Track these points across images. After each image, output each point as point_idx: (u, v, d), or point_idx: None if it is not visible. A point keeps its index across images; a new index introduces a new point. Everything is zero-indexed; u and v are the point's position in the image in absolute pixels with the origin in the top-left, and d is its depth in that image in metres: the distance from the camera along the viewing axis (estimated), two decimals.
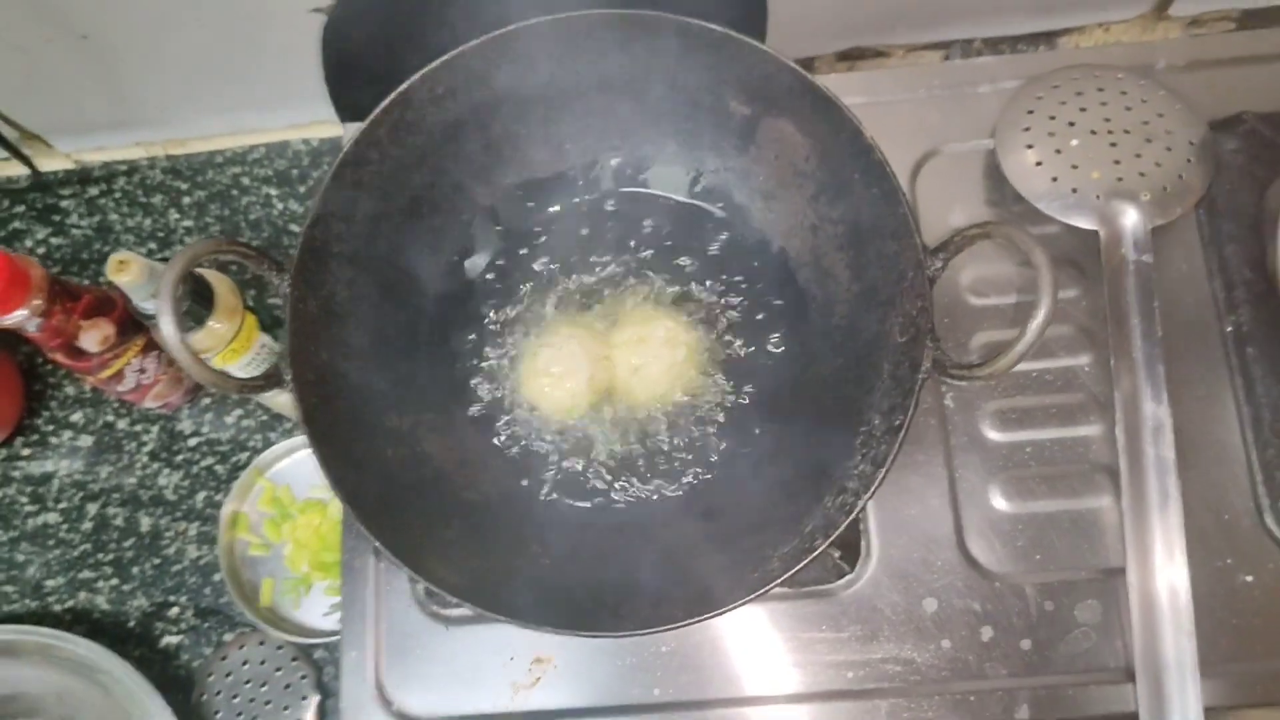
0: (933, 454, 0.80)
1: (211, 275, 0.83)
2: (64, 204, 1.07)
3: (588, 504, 0.77)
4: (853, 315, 0.74)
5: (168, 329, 0.60)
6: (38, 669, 0.90)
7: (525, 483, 0.77)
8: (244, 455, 0.99)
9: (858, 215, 0.72)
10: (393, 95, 0.70)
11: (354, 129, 0.70)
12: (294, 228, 1.04)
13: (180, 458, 1.00)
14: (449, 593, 0.64)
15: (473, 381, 0.80)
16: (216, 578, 0.95)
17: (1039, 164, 0.81)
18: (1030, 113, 0.84)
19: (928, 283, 0.65)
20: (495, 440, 0.78)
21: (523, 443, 0.79)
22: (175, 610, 0.96)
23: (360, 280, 0.73)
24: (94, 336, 0.84)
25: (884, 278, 0.70)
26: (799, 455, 0.74)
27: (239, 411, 1.01)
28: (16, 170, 1.05)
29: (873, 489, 0.63)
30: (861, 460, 0.67)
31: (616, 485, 0.77)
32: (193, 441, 1.00)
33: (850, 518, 0.63)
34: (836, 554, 0.78)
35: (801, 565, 0.63)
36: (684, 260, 0.82)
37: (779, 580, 0.62)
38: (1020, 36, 1.03)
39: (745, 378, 0.79)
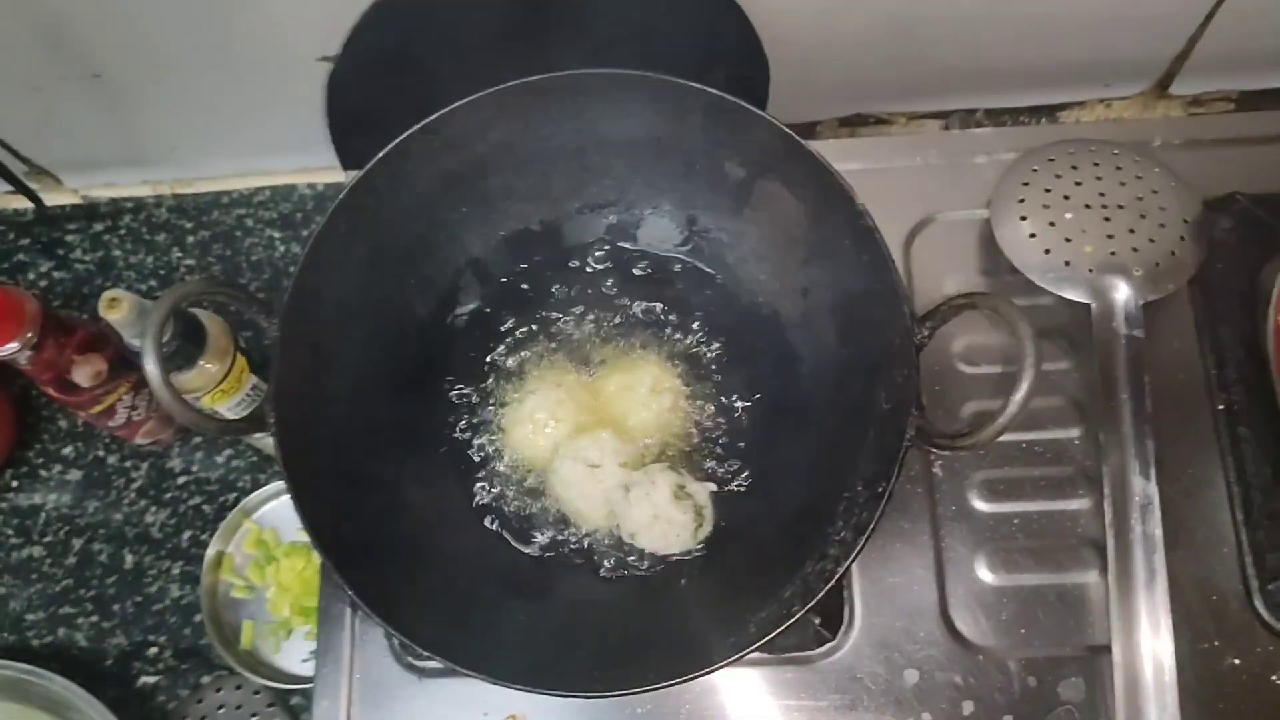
0: (919, 523, 0.80)
1: (204, 316, 0.84)
2: (69, 238, 1.08)
3: (567, 562, 0.76)
4: (840, 379, 0.74)
5: (151, 367, 0.61)
6: (11, 706, 0.89)
7: (505, 537, 0.77)
8: (232, 496, 0.99)
9: (848, 281, 0.72)
10: (391, 145, 0.71)
11: (353, 176, 0.71)
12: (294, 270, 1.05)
13: (168, 495, 0.99)
14: (422, 647, 0.63)
15: (457, 430, 0.80)
16: (197, 618, 0.94)
17: (1033, 236, 0.81)
18: (1025, 184, 0.84)
19: (914, 351, 0.65)
20: (477, 491, 0.78)
21: (505, 495, 0.78)
22: (154, 650, 0.95)
23: (350, 326, 0.73)
24: (86, 371, 0.84)
25: (872, 344, 0.70)
26: (780, 519, 0.74)
27: (229, 452, 1.00)
28: (23, 204, 1.07)
29: (853, 556, 0.63)
30: (844, 526, 0.66)
31: (596, 545, 0.77)
32: (181, 480, 1.00)
33: (829, 585, 0.63)
34: (817, 621, 0.77)
35: (777, 632, 0.62)
36: (673, 316, 0.82)
37: (754, 646, 0.62)
38: (1022, 109, 1.04)
39: (729, 438, 0.79)
